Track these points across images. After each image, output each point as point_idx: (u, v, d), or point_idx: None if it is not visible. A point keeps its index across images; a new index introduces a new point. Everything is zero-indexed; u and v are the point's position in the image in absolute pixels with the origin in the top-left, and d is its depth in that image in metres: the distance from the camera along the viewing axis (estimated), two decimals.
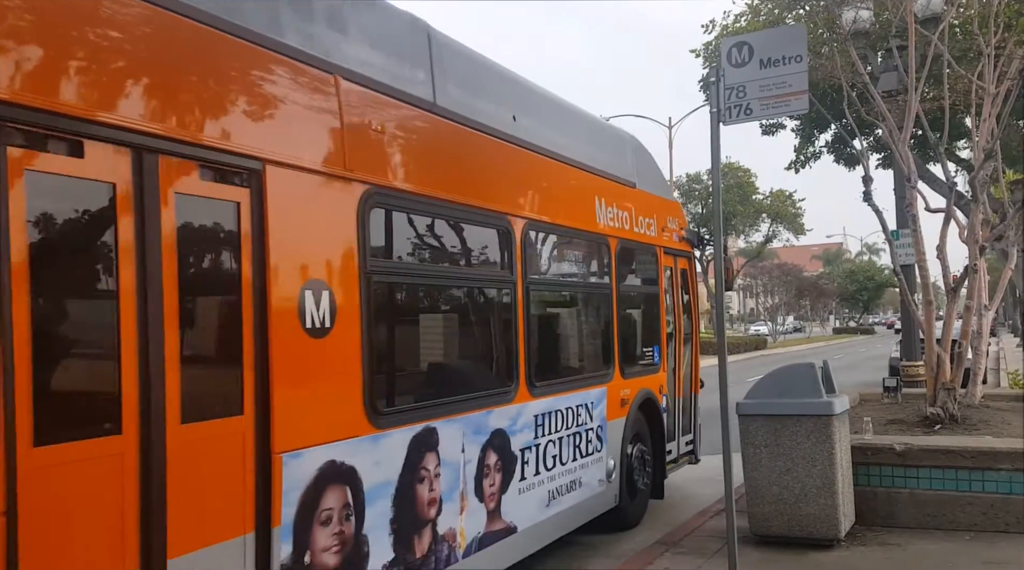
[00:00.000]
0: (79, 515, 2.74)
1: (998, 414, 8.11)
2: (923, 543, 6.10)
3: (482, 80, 5.63)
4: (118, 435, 2.88)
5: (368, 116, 4.22)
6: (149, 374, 2.97)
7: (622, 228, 6.98)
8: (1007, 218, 9.03)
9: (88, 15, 2.87)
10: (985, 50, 8.33)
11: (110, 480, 2.84)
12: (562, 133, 6.41)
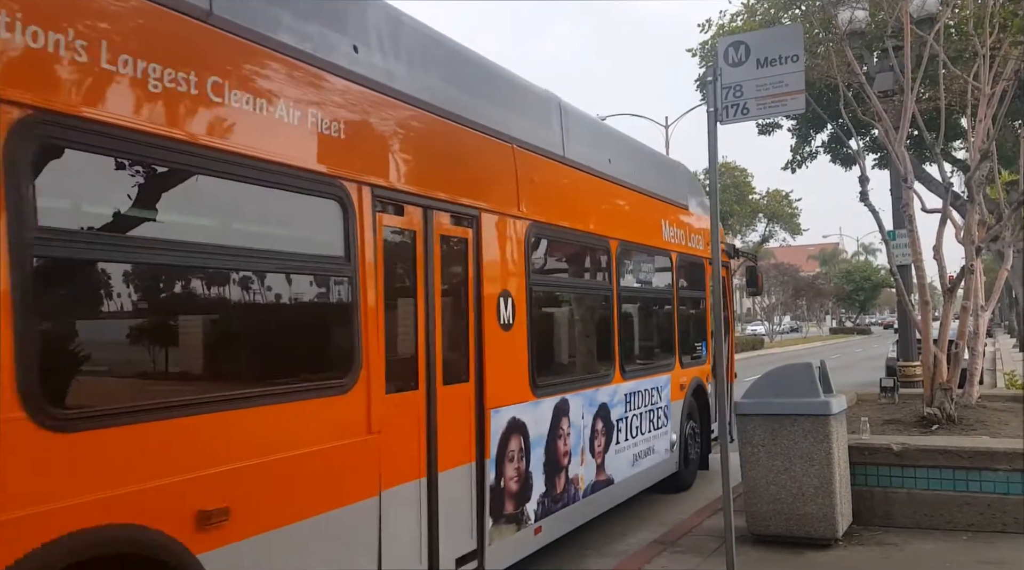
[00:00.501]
0: (402, 434, 4.42)
1: (995, 414, 8.12)
2: (920, 543, 6.10)
3: (590, 133, 7.20)
4: (415, 391, 4.58)
5: (530, 171, 5.85)
6: (429, 353, 4.66)
7: (680, 244, 8.55)
8: (1003, 219, 9.04)
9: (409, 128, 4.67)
10: (980, 51, 8.34)
11: (414, 416, 4.54)
12: (638, 168, 7.89)
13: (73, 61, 2.83)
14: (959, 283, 8.24)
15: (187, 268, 3.36)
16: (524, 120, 5.99)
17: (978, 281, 8.74)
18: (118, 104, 3.00)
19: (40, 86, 2.73)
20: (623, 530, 7.25)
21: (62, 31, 2.79)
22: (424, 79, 4.88)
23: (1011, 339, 35.11)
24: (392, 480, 4.29)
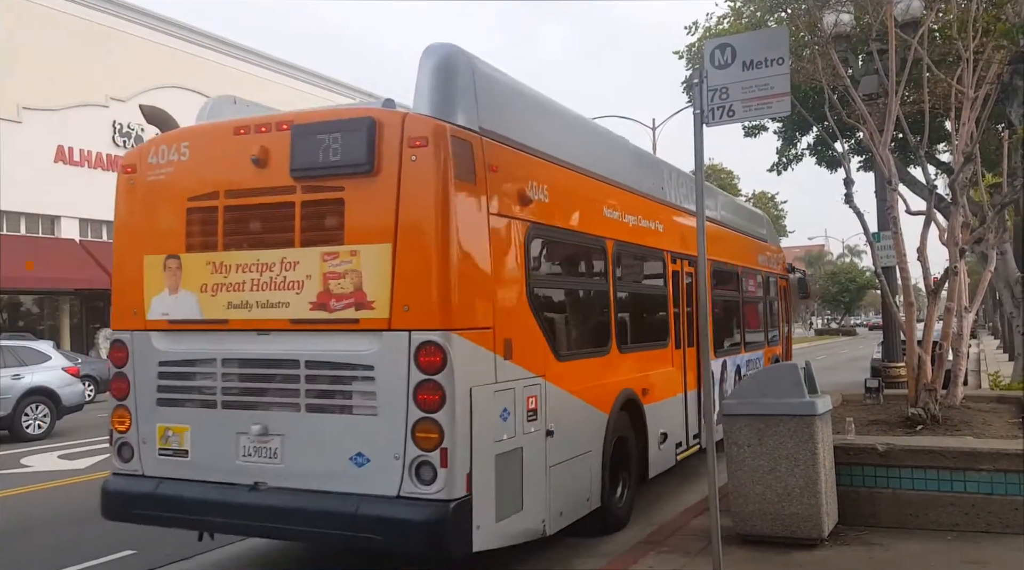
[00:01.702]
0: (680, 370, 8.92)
1: (979, 415, 8.18)
2: (905, 543, 6.12)
3: (725, 201, 11.96)
4: (679, 349, 8.89)
5: (672, 219, 8.97)
6: (689, 332, 9.12)
7: (768, 268, 13.16)
8: (986, 221, 9.11)
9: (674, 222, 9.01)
10: (964, 54, 8.38)
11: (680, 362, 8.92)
12: (749, 221, 12.81)
13: (540, 200, 6.03)
14: (943, 285, 8.29)
15: (600, 289, 7.23)
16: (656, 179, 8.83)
17: (962, 283, 8.80)
18: (564, 219, 6.51)
19: (534, 212, 5.92)
20: None
21: (537, 187, 5.98)
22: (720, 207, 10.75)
23: (995, 340, 35.46)
24: (681, 389, 8.78)
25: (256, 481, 5.30)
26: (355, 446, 5.05)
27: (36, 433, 14.15)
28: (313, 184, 5.20)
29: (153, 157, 5.81)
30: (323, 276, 5.14)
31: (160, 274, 5.69)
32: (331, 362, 5.17)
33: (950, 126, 9.52)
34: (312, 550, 6.93)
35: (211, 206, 5.55)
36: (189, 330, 5.63)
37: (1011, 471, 6.21)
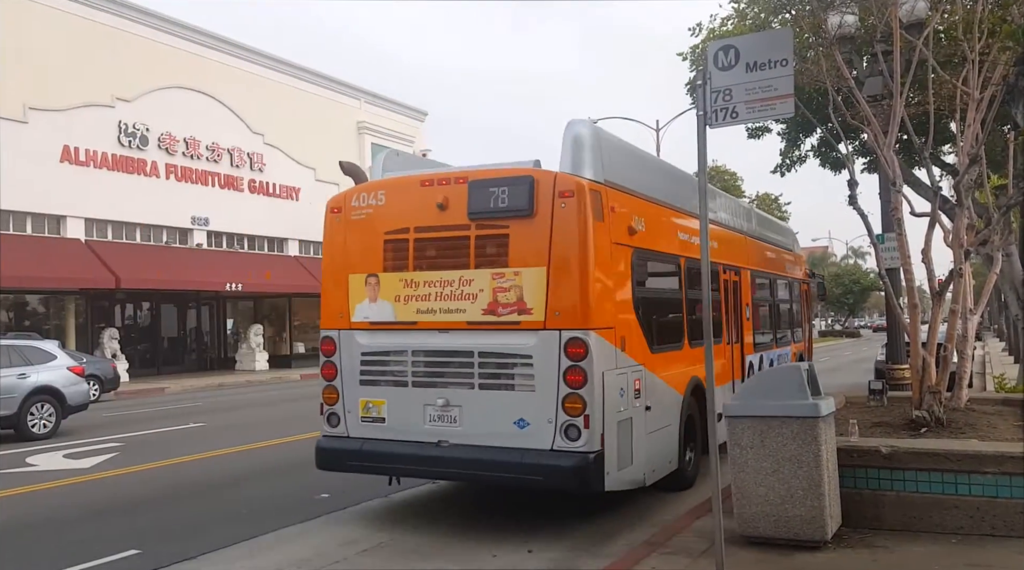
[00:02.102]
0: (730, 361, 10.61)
1: (984, 417, 8.15)
2: (909, 546, 6.10)
3: (741, 211, 12.32)
4: (728, 345, 10.50)
5: (754, 247, 11.98)
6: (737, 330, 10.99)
7: (794, 274, 14.84)
8: (992, 223, 9.07)
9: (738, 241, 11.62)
10: (970, 56, 8.34)
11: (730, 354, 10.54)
12: (778, 233, 14.51)
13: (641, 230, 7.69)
14: (948, 286, 8.26)
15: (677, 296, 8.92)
16: (752, 224, 12.29)
17: (967, 285, 8.77)
18: (655, 244, 8.15)
19: (637, 240, 7.65)
20: (614, 531, 7.25)
21: (639, 220, 7.67)
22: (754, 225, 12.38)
23: (1000, 343, 35.32)
24: (731, 378, 10.31)
25: (439, 440, 7.15)
26: (517, 413, 6.87)
27: (41, 432, 14.18)
28: (485, 223, 7.07)
29: (356, 201, 7.69)
30: (493, 290, 7.01)
31: (362, 288, 7.58)
32: (499, 352, 7.03)
33: (955, 128, 9.48)
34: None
35: (403, 238, 7.42)
36: (385, 329, 7.50)
37: (1016, 474, 6.17)
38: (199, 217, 30.80)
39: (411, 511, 8.30)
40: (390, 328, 7.48)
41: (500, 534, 7.28)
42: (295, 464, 11.34)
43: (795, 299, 14.83)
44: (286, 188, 34.80)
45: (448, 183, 7.27)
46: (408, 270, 7.41)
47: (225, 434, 14.38)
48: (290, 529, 7.66)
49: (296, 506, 8.55)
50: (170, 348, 32.37)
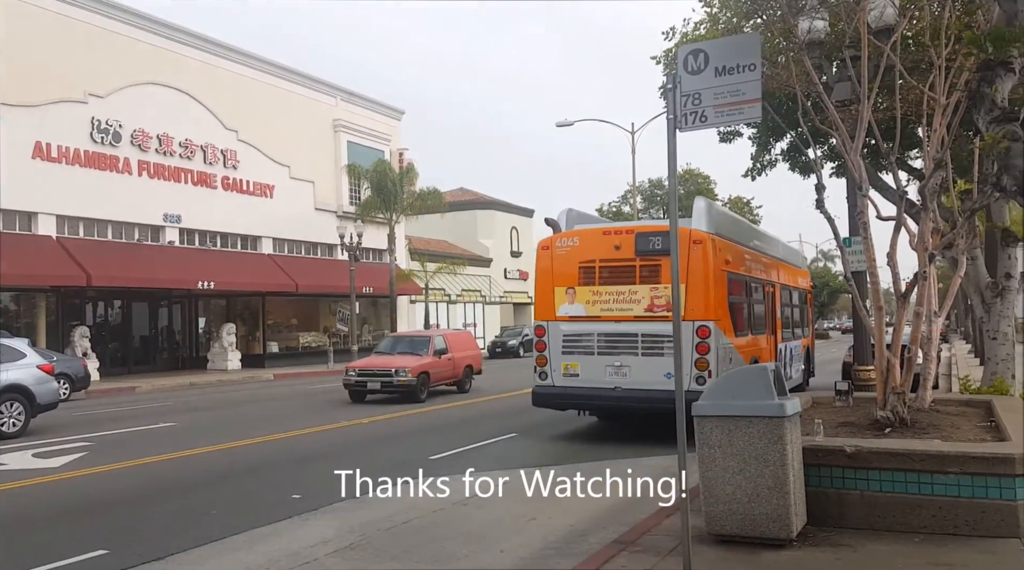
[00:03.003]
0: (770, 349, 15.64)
1: (947, 418, 8.27)
2: (873, 544, 6.19)
3: (773, 243, 17.62)
4: (769, 336, 15.44)
5: (782, 267, 17.42)
6: (776, 327, 16.05)
7: (800, 284, 19.30)
8: (957, 227, 9.22)
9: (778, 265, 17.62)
10: (936, 62, 8.46)
11: (771, 343, 15.58)
12: (793, 256, 19.97)
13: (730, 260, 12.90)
14: (912, 289, 8.39)
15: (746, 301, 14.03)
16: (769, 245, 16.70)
17: (931, 287, 8.91)
18: (736, 269, 13.19)
19: (729, 267, 12.73)
20: (584, 530, 7.30)
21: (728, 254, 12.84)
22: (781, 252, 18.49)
23: (967, 345, 35.90)
24: (772, 357, 15.04)
25: (615, 387, 11.98)
26: (666, 370, 11.24)
27: (10, 431, 13.98)
28: (645, 258, 12.00)
29: (559, 243, 12.80)
30: (651, 297, 11.98)
31: (563, 295, 12.59)
32: (655, 334, 11.89)
33: (922, 133, 9.62)
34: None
35: (592, 265, 12.51)
36: (579, 320, 12.49)
37: (978, 474, 6.27)
38: (171, 214, 30.48)
39: (382, 511, 8.30)
40: (582, 320, 12.54)
41: (471, 535, 7.31)
42: (267, 464, 11.30)
43: (804, 304, 20.25)
44: (260, 185, 34.53)
45: (620, 233, 12.51)
46: (595, 285, 12.51)
47: (196, 434, 14.26)
48: (261, 529, 7.64)
49: (268, 506, 8.52)
50: (141, 347, 32.00)
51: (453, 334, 23.02)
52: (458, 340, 22.27)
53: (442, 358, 20.41)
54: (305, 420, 15.90)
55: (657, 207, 53.40)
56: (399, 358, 19.69)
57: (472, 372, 22.20)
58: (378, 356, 20.62)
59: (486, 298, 50.59)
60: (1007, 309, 11.33)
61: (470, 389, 21.70)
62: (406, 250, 42.83)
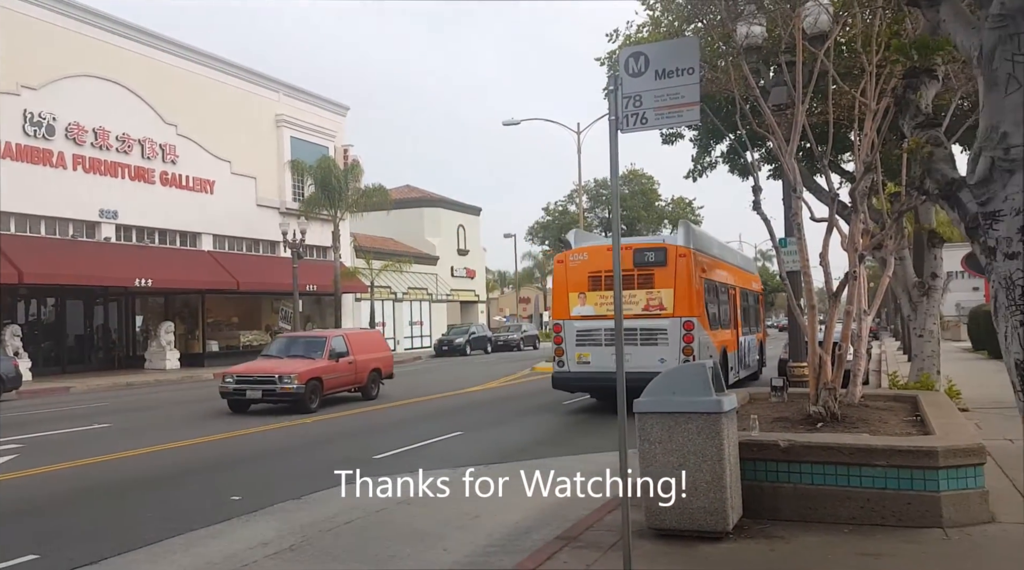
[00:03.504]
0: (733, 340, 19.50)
1: (876, 413, 8.57)
2: (805, 536, 6.37)
3: (732, 253, 22.87)
4: (732, 329, 19.20)
5: (740, 273, 21.61)
6: (735, 323, 19.70)
7: (753, 287, 23.43)
8: (885, 228, 9.55)
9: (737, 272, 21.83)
10: (868, 68, 8.75)
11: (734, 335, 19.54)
12: (747, 264, 24.71)
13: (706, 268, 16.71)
14: (843, 288, 8.67)
15: (717, 302, 17.74)
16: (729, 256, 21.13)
17: (861, 287, 9.22)
18: (710, 275, 17.07)
19: (705, 274, 16.64)
20: (529, 526, 7.36)
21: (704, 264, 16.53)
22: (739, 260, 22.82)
23: (896, 342, 37.14)
24: (736, 348, 18.99)
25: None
26: (660, 356, 14.58)
27: None
28: (641, 269, 14.97)
29: (572, 257, 15.93)
30: (647, 299, 15.00)
31: (576, 299, 15.57)
32: (650, 328, 14.90)
33: (854, 136, 9.92)
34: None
35: (598, 275, 15.43)
36: (589, 319, 15.41)
37: (904, 467, 6.52)
38: (107, 210, 29.66)
39: (324, 512, 8.25)
40: (592, 319, 15.57)
41: (415, 534, 7.31)
42: (206, 465, 11.11)
43: (757, 304, 23.69)
44: (200, 181, 33.81)
45: (625, 249, 14.97)
46: (601, 290, 15.49)
47: (132, 435, 13.94)
48: (198, 532, 7.52)
49: (206, 508, 8.39)
50: (76, 346, 31.09)
51: (357, 334, 21.01)
52: (363, 341, 20.13)
53: (340, 361, 18.12)
54: (245, 420, 15.66)
55: (603, 206, 53.91)
56: (287, 362, 17.41)
57: (380, 377, 20.01)
58: (264, 360, 18.42)
59: (433, 296, 50.46)
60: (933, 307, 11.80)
61: (377, 395, 19.59)
62: (351, 247, 42.43)
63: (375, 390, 19.62)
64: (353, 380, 18.78)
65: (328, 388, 17.69)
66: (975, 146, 3.35)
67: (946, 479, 6.48)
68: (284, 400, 16.74)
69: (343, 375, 18.31)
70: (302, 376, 16.73)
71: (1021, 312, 3.11)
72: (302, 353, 17.97)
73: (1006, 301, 3.16)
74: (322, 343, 18.28)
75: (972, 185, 3.32)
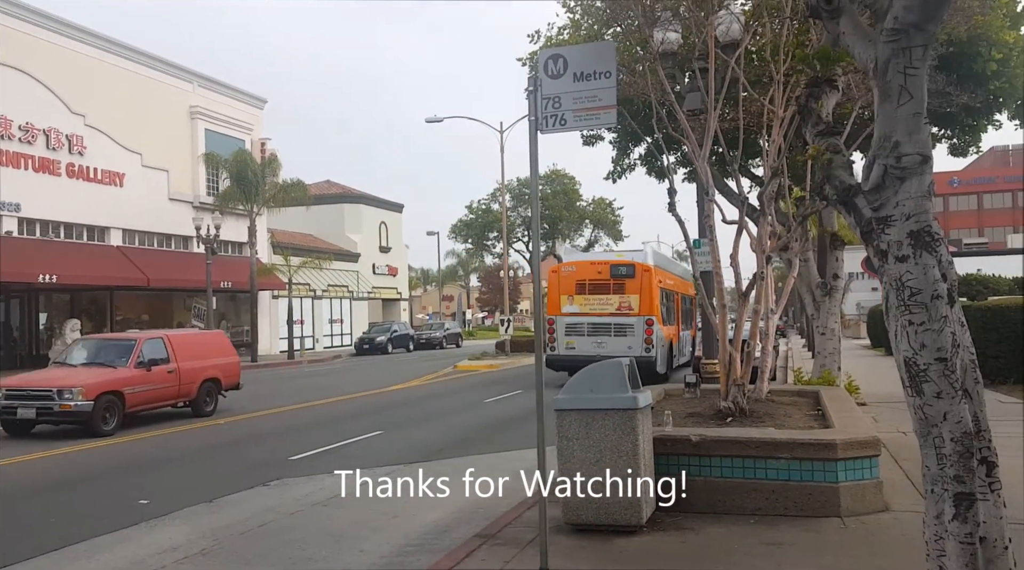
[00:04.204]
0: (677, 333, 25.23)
1: (781, 407, 8.94)
2: (714, 527, 6.59)
3: (675, 265, 29.18)
4: (673, 325, 24.18)
5: (679, 281, 26.33)
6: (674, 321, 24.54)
7: (690, 292, 24.95)
8: (791, 230, 9.94)
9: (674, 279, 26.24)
10: (776, 77, 9.08)
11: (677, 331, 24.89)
12: (682, 273, 27.39)
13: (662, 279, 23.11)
14: (752, 288, 8.98)
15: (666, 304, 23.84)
16: (674, 268, 27.36)
17: (768, 287, 9.58)
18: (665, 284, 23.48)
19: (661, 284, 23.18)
20: (448, 525, 7.38)
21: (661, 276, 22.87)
22: (679, 271, 27.72)
23: (802, 339, 38.64)
24: (677, 340, 24.25)
25: (597, 354, 16.95)
26: (628, 344, 20.15)
27: None
28: (616, 280, 20.97)
29: (564, 268, 21.84)
30: (619, 302, 20.84)
31: (566, 300, 21.26)
32: (621, 324, 20.68)
33: (763, 142, 10.27)
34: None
35: (584, 283, 21.23)
36: (576, 316, 21.07)
37: (805, 459, 6.82)
38: (9, 203, 28.18)
39: (238, 515, 8.08)
40: (578, 315, 20.76)
41: (331, 536, 7.24)
42: (114, 468, 10.74)
43: (691, 306, 26.69)
44: (109, 173, 32.50)
45: (601, 264, 21.28)
46: (586, 294, 20.86)
47: (34, 437, 13.31)
48: (104, 537, 7.26)
49: (112, 513, 8.10)
50: None
51: (186, 336, 17.54)
52: (194, 344, 16.64)
53: (155, 370, 14.77)
54: (153, 422, 15.15)
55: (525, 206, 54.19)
56: (78, 372, 14.16)
57: (219, 388, 16.51)
58: (57, 368, 15.41)
59: (353, 294, 49.80)
60: (834, 307, 12.34)
61: (214, 411, 16.17)
62: (268, 243, 41.48)
63: (211, 405, 16.19)
64: (176, 394, 15.43)
65: (134, 404, 14.34)
66: (870, 154, 3.52)
67: (844, 470, 6.80)
68: (66, 420, 13.36)
69: (159, 387, 14.94)
70: (90, 390, 13.28)
71: (910, 312, 3.29)
72: (103, 360, 14.72)
73: (896, 301, 3.34)
74: (129, 347, 14.86)
75: (867, 191, 3.49)
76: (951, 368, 3.22)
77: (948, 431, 3.21)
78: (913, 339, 3.26)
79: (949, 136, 15.30)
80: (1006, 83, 13.43)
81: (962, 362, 3.27)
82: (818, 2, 3.66)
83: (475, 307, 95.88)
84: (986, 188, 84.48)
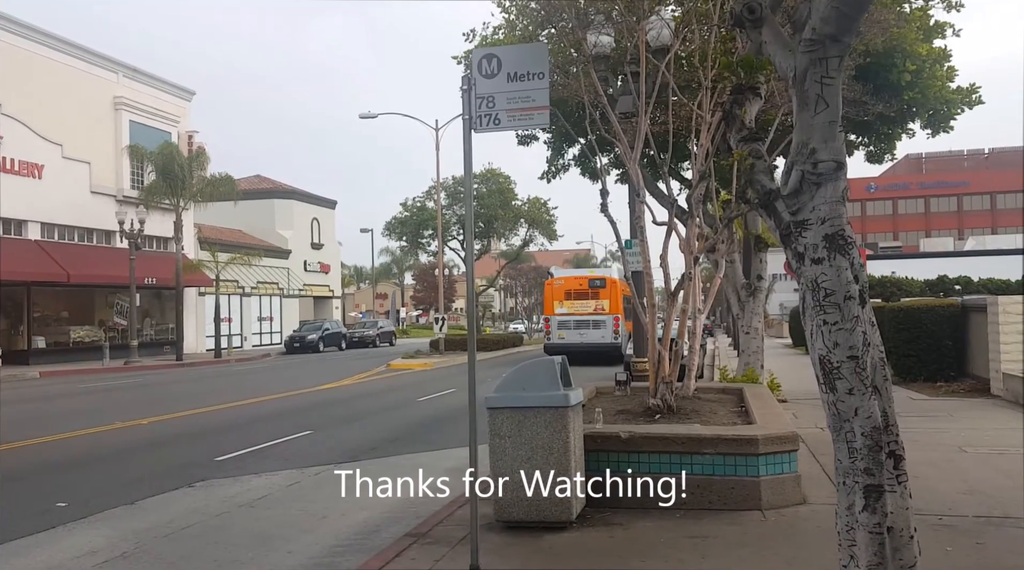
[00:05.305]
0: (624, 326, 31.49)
1: (707, 404, 9.17)
2: (642, 522, 6.72)
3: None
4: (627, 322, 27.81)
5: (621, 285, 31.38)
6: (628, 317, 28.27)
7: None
8: (718, 232, 10.21)
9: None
10: (704, 82, 9.31)
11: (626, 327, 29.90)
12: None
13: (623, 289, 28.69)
14: (680, 288, 9.19)
15: (625, 306, 30.25)
16: (621, 277, 29.81)
17: (696, 287, 9.81)
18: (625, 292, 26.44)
19: (624, 292, 28.89)
20: (378, 524, 7.34)
21: (624, 288, 26.91)
22: (619, 277, 32.14)
23: (728, 338, 39.67)
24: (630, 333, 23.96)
25: (580, 342, 30.46)
26: (602, 334, 30.95)
27: None
28: (593, 288, 31.62)
29: (555, 281, 32.55)
30: (595, 305, 31.34)
31: (558, 305, 31.77)
32: (597, 320, 31.19)
33: (692, 146, 10.50)
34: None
35: (571, 291, 31.81)
36: (565, 315, 31.61)
37: (729, 454, 7.01)
38: None
39: (162, 517, 7.89)
40: (566, 315, 31.37)
41: (258, 537, 7.13)
42: (28, 470, 10.33)
43: (625, 304, 29.48)
44: (27, 165, 31.21)
45: (583, 278, 32.16)
46: (572, 300, 31.46)
47: None
48: (19, 542, 7.00)
49: (28, 516, 7.81)
50: None
51: None
52: None
53: None
54: (73, 422, 14.64)
55: (461, 204, 54.07)
56: None
57: None
58: None
59: (284, 291, 48.95)
60: (758, 307, 12.70)
61: None
62: (195, 239, 40.45)
63: None
64: None
65: None
66: (788, 160, 3.65)
67: (765, 465, 7.02)
68: None
69: None
70: None
71: (824, 312, 3.43)
72: None
73: (812, 302, 3.48)
74: None
75: (785, 196, 3.62)
76: (862, 366, 3.36)
77: (859, 426, 3.35)
78: (827, 338, 3.40)
79: (866, 143, 15.95)
80: (919, 93, 14.08)
81: (872, 360, 3.41)
82: (742, 11, 3.76)
83: (409, 305, 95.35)
84: (900, 194, 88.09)
